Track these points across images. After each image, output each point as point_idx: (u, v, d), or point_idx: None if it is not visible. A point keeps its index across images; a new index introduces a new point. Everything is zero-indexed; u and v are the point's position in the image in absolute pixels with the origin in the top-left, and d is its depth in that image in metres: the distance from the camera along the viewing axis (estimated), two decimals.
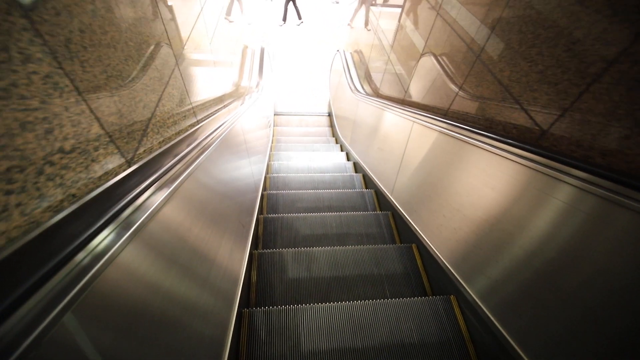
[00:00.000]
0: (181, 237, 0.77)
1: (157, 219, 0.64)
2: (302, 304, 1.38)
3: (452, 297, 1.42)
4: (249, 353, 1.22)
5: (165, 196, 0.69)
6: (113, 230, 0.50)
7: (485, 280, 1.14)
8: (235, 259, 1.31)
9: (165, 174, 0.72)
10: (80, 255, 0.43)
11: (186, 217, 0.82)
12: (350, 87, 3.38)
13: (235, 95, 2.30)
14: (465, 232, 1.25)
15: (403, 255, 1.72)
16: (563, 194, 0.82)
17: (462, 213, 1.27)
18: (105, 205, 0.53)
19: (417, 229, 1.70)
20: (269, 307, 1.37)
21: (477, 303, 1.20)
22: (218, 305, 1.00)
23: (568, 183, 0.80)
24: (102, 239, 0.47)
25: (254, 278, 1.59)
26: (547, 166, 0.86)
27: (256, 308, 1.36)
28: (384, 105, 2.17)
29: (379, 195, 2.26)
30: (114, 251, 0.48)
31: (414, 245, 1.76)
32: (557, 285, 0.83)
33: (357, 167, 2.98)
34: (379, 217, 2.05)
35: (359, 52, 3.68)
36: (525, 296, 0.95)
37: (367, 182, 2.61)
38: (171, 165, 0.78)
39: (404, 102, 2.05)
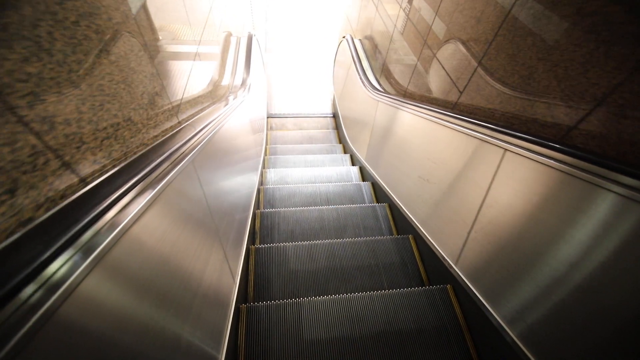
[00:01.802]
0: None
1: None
2: (300, 298, 1.42)
3: (448, 286, 1.45)
4: (247, 348, 1.25)
5: None
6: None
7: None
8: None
9: None
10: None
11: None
12: (363, 84, 2.74)
13: (211, 98, 1.67)
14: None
15: (400, 248, 1.78)
16: None
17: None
18: None
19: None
20: (267, 301, 1.40)
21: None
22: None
23: None
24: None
25: (251, 273, 1.62)
26: None
27: (254, 303, 1.39)
28: (429, 112, 1.54)
29: (439, 266, 1.51)
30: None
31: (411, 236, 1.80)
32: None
33: (392, 209, 2.08)
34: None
35: (371, 39, 3.04)
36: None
37: (416, 239, 1.74)
38: None
39: (458, 107, 1.42)
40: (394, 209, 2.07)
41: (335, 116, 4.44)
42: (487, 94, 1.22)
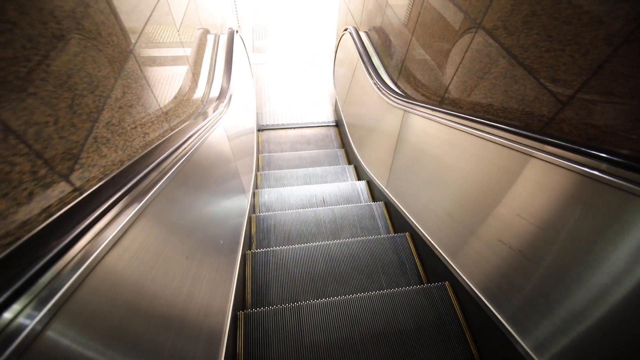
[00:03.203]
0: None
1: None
2: (298, 302, 1.45)
3: (447, 283, 1.48)
4: (247, 356, 1.28)
5: None
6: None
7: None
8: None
9: None
10: None
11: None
12: (378, 88, 2.23)
13: (166, 121, 1.18)
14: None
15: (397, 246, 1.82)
16: None
17: None
18: None
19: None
20: (265, 307, 1.42)
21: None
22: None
23: None
24: None
25: (248, 279, 1.64)
26: None
27: (252, 309, 1.41)
28: (524, 141, 1.00)
29: None
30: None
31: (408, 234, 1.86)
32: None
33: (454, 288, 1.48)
34: None
35: (381, 31, 2.54)
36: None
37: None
38: None
39: (557, 126, 0.91)
40: (456, 287, 1.55)
41: (338, 125, 3.93)
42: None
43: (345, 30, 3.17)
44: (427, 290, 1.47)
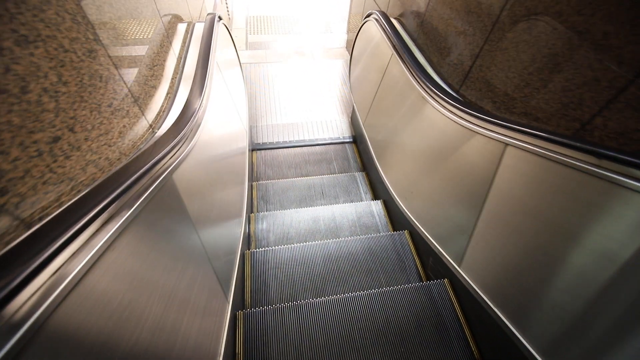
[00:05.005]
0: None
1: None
2: (297, 301, 1.47)
3: (446, 280, 1.53)
4: (246, 355, 1.31)
5: None
6: None
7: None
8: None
9: None
10: None
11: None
12: (436, 100, 1.53)
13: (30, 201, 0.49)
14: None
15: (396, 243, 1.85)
16: None
17: None
18: None
19: None
20: (264, 307, 1.45)
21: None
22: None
23: None
24: None
25: (247, 279, 1.66)
26: None
27: (251, 309, 1.43)
28: None
29: None
30: None
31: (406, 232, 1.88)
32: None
33: None
34: None
35: (421, 16, 1.86)
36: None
37: None
38: None
39: None
40: None
41: (356, 141, 3.22)
42: None
43: (368, 16, 2.48)
44: (427, 287, 1.52)
